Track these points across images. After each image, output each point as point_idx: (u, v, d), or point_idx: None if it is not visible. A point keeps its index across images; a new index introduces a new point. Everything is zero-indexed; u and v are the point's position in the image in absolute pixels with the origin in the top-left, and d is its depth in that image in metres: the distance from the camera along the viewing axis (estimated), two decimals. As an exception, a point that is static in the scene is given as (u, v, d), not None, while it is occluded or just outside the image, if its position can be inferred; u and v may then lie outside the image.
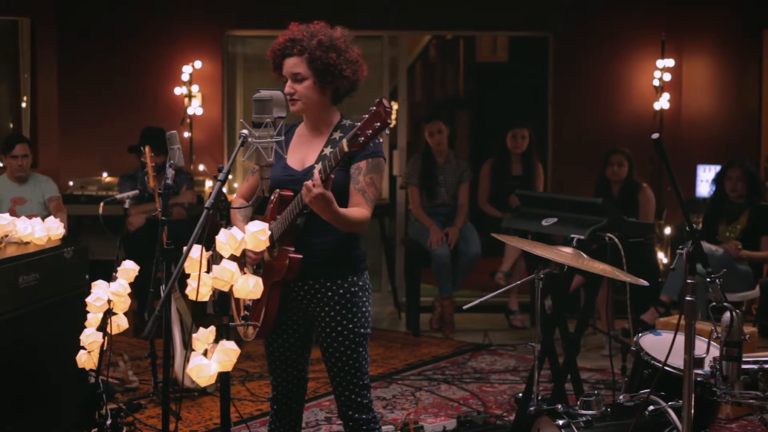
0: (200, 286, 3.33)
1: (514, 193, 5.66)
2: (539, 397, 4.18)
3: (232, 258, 3.41)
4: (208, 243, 3.36)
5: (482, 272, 8.62)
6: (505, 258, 8.14)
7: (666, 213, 8.37)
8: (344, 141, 3.25)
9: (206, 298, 3.42)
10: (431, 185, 8.17)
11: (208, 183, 8.85)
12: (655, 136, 2.99)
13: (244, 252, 3.57)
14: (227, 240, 3.35)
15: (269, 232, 3.45)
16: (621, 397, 3.92)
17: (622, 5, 9.15)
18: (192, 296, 3.35)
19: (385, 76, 9.38)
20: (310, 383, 6.05)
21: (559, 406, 3.84)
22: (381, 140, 3.33)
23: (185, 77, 9.02)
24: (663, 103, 8.88)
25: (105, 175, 8.97)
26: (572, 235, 4.60)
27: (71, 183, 8.84)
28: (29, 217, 5.09)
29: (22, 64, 9.06)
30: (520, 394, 5.10)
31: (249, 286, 3.39)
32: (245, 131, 3.31)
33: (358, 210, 3.57)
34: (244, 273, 3.53)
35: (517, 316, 8.35)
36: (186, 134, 9.05)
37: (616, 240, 4.69)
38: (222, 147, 9.23)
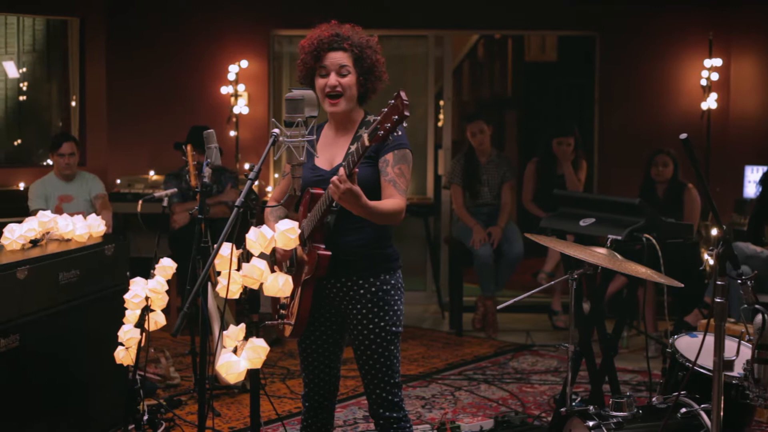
0: (230, 283, 3.37)
1: (553, 192, 5.63)
2: (577, 398, 4.16)
3: (263, 257, 3.44)
4: (239, 241, 3.39)
5: (525, 272, 8.60)
6: (548, 258, 8.13)
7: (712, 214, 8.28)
8: (365, 135, 3.27)
9: (237, 296, 3.45)
10: (474, 185, 8.17)
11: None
12: (683, 136, 2.97)
13: (274, 250, 3.60)
14: (257, 238, 3.37)
15: (299, 231, 3.48)
16: (654, 398, 3.90)
17: (669, 4, 9.08)
18: (222, 294, 3.38)
19: (431, 76, 9.36)
20: (349, 381, 6.16)
21: (591, 407, 3.83)
22: (400, 133, 3.31)
23: (231, 76, 9.10)
24: (710, 102, 8.80)
25: (152, 173, 9.06)
26: (609, 236, 4.57)
27: (118, 181, 8.94)
28: (71, 214, 5.17)
29: (72, 64, 9.19)
30: (560, 395, 5.09)
31: (278, 284, 3.42)
32: (276, 130, 3.34)
33: (390, 201, 3.57)
34: (275, 271, 3.56)
35: (560, 316, 8.32)
36: (232, 133, 9.13)
37: (654, 241, 4.65)
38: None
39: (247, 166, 9.16)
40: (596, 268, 4.17)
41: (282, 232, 3.40)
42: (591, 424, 3.69)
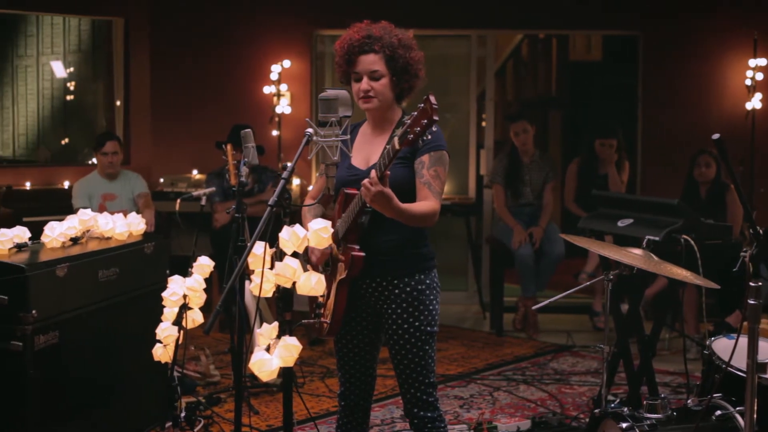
0: (263, 282, 3.39)
1: (592, 193, 5.60)
2: (616, 400, 4.14)
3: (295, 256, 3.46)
4: (273, 240, 3.41)
5: (567, 273, 8.56)
6: (589, 259, 8.08)
7: (756, 214, 8.19)
8: (395, 139, 3.27)
9: (269, 294, 3.47)
10: (516, 184, 8.15)
11: (296, 181, 8.96)
12: (716, 136, 2.95)
13: (307, 249, 3.62)
14: (290, 237, 3.39)
15: (332, 230, 3.49)
16: (689, 400, 3.87)
17: (713, 4, 9.00)
18: (255, 292, 3.40)
19: (473, 76, 9.34)
20: (388, 381, 6.17)
21: (625, 409, 3.81)
22: (430, 137, 3.30)
23: (274, 76, 9.14)
24: (755, 102, 8.69)
25: (195, 172, 9.13)
26: (646, 237, 4.54)
27: (162, 180, 9.02)
28: (114, 213, 5.23)
29: (116, 64, 9.28)
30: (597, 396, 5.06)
31: (311, 283, 3.43)
32: (310, 130, 3.35)
33: (423, 204, 3.57)
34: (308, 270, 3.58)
35: (601, 317, 8.26)
36: (274, 132, 9.17)
37: (692, 242, 4.61)
38: (310, 145, 9.29)
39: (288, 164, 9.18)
40: (632, 269, 4.14)
41: (315, 231, 3.42)
42: (624, 425, 3.68)
